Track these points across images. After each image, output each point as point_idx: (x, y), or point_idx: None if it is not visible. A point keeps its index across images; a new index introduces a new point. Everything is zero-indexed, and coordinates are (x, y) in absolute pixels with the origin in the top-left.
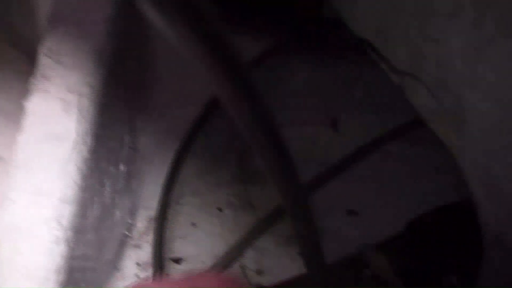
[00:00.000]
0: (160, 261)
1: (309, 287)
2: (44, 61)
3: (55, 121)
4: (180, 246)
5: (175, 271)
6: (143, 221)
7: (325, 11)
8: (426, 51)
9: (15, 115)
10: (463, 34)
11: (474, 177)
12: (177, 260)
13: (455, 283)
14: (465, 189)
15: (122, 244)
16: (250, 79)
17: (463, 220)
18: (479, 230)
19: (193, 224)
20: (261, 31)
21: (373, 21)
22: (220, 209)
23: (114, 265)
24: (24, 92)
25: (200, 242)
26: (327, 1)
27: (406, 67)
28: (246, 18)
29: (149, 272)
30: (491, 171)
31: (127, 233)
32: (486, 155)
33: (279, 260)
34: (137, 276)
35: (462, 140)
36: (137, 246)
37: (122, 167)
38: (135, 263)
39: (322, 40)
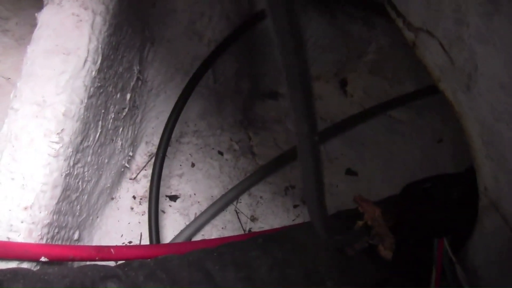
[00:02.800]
0: (156, 196)
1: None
2: None
3: (66, 35)
4: (177, 184)
5: (170, 208)
6: (143, 156)
7: None
8: (443, 5)
9: (26, 39)
10: None
11: (478, 139)
12: (173, 198)
13: (446, 246)
14: (463, 162)
15: (120, 175)
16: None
17: (459, 188)
18: (475, 199)
19: (193, 164)
20: None
21: None
22: (221, 153)
23: (110, 193)
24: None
25: (197, 183)
26: None
27: (422, 23)
28: None
29: (144, 206)
30: (495, 133)
31: (126, 164)
32: (493, 115)
33: (273, 209)
34: (132, 208)
35: (470, 100)
36: (135, 180)
37: (128, 96)
38: (131, 195)
39: None
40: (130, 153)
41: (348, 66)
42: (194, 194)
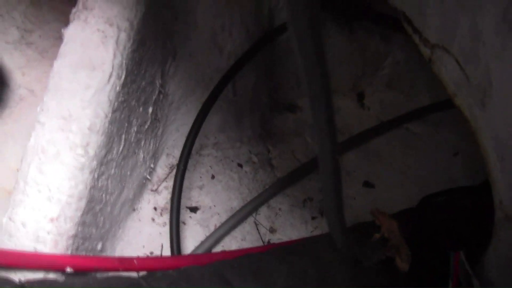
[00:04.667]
0: (177, 208)
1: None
2: None
3: (92, 51)
4: (197, 195)
5: (191, 219)
6: (164, 168)
7: None
8: (460, 22)
9: (49, 52)
10: (500, 6)
11: (493, 153)
12: (193, 209)
13: (462, 259)
14: (479, 176)
15: (142, 186)
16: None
17: (474, 202)
18: (490, 212)
19: (213, 176)
20: None
21: None
22: (240, 165)
23: (131, 205)
24: (60, 29)
25: (217, 194)
26: None
27: (438, 40)
28: None
29: (165, 217)
30: (510, 148)
31: (147, 176)
32: (507, 131)
33: (292, 221)
34: (153, 219)
35: (485, 115)
36: (156, 191)
37: (150, 110)
38: (152, 207)
39: (358, 10)
40: (152, 165)
41: (365, 80)
42: (214, 206)
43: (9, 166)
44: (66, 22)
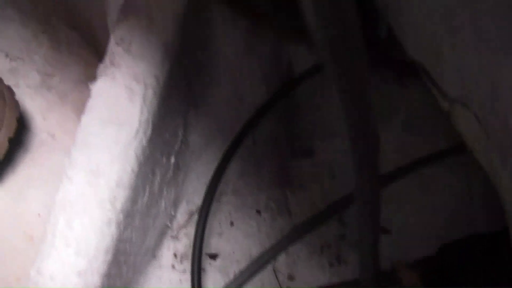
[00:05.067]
0: (199, 254)
1: None
2: (114, 49)
3: (119, 107)
4: (216, 242)
5: (210, 266)
6: (184, 214)
7: (380, 29)
8: (480, 79)
9: (69, 96)
10: None
11: (511, 204)
12: (213, 256)
13: None
14: (499, 222)
15: (162, 233)
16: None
17: (495, 249)
18: (510, 259)
19: (232, 223)
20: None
21: (428, 45)
22: (258, 212)
23: (152, 253)
24: (79, 73)
25: (236, 241)
26: (382, 19)
27: (457, 94)
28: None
29: (185, 264)
30: None
31: (168, 223)
32: None
33: (310, 268)
34: (173, 266)
35: (504, 169)
36: (176, 238)
37: (173, 160)
38: (172, 253)
39: (374, 59)
40: (172, 213)
41: (381, 124)
42: (233, 253)
43: (31, 211)
44: (85, 67)
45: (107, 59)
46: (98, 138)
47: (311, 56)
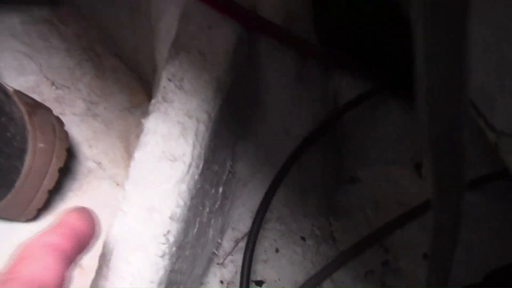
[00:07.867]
0: (247, 282)
1: None
2: (167, 84)
3: (172, 142)
4: (262, 269)
5: None
6: (230, 241)
7: None
8: None
9: (114, 124)
10: None
11: None
12: (259, 283)
13: None
14: None
15: (210, 261)
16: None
17: None
18: None
19: (277, 250)
20: (362, 73)
21: (474, 78)
22: (303, 239)
23: (200, 280)
24: (123, 101)
25: (281, 268)
26: None
27: (505, 127)
28: (350, 60)
29: None
30: None
31: (215, 251)
32: None
33: None
34: None
35: None
36: (222, 265)
37: (221, 190)
38: (219, 280)
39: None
40: (219, 240)
41: (422, 150)
42: (279, 280)
43: None
44: (129, 94)
45: (159, 95)
46: (152, 174)
47: (356, 86)
